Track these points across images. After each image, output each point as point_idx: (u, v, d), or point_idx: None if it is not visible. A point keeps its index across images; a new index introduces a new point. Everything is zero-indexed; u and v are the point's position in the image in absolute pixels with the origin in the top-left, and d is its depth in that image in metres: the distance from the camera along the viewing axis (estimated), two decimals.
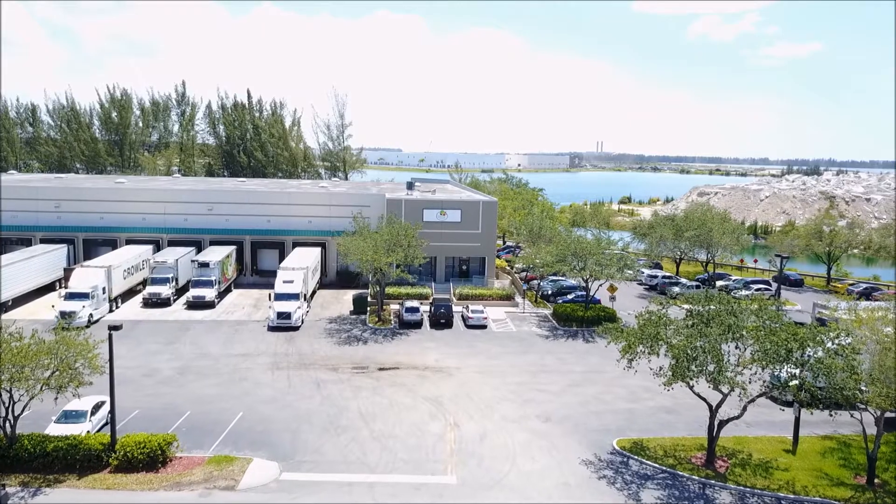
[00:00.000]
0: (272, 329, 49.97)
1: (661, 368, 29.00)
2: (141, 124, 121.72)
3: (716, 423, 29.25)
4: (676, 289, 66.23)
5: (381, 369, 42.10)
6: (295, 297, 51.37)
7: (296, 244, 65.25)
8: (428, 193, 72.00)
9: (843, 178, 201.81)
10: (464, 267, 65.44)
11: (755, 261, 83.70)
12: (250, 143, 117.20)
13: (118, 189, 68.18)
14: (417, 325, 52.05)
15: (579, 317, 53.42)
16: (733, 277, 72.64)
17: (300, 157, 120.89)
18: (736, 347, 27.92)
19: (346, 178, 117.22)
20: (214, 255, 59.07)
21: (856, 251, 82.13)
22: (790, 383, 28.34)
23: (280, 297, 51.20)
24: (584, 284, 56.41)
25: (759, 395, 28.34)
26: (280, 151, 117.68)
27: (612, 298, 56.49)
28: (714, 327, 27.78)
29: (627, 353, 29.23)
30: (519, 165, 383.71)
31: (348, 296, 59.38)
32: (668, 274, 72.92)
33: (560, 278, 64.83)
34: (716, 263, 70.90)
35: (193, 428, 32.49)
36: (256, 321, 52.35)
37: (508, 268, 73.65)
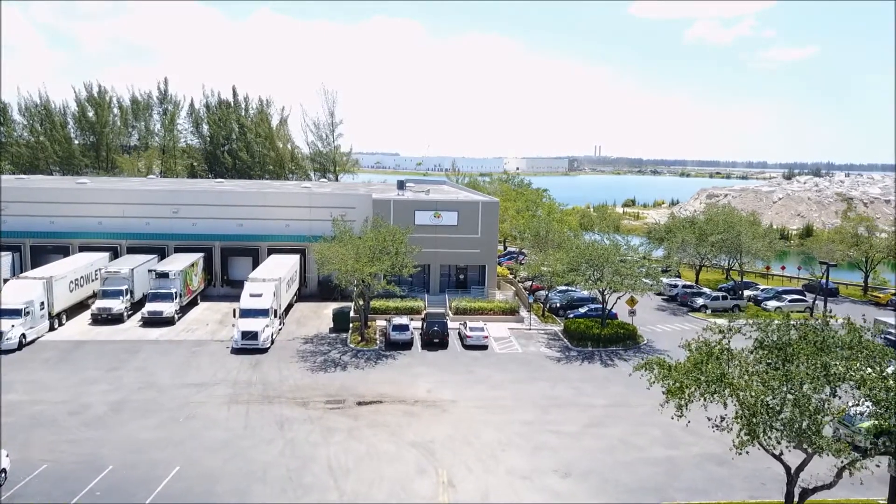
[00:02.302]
0: (236, 351, 42.61)
1: (722, 419, 21.66)
2: (119, 124, 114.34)
3: (796, 491, 21.89)
4: (700, 300, 59.04)
5: (360, 403, 34.76)
6: (264, 313, 44.00)
7: (271, 251, 57.81)
8: (421, 194, 64.74)
9: (856, 180, 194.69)
10: (461, 276, 58.11)
11: (783, 268, 76.36)
12: (235, 143, 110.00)
13: (71, 190, 60.78)
14: (407, 345, 44.74)
15: (595, 335, 46.07)
16: (762, 287, 65.31)
17: (287, 158, 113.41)
18: (833, 395, 20.40)
19: (337, 180, 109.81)
20: (176, 263, 51.75)
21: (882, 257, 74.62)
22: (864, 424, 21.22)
23: (246, 313, 43.82)
24: (598, 296, 49.17)
25: (864, 457, 20.76)
26: (266, 152, 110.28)
27: (632, 313, 49.26)
28: (801, 366, 20.32)
29: (677, 396, 21.78)
30: (517, 169, 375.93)
31: (329, 310, 52.09)
32: (689, 283, 65.67)
33: (570, 289, 57.47)
34: (742, 271, 63.63)
35: (111, 490, 25.16)
36: (219, 341, 44.99)
37: (511, 277, 66.35)
